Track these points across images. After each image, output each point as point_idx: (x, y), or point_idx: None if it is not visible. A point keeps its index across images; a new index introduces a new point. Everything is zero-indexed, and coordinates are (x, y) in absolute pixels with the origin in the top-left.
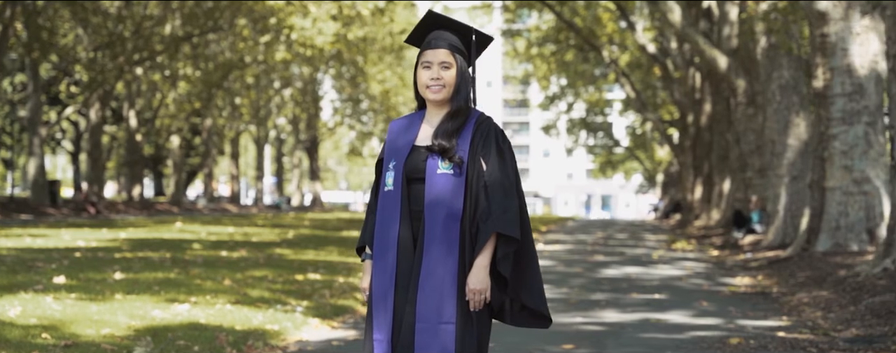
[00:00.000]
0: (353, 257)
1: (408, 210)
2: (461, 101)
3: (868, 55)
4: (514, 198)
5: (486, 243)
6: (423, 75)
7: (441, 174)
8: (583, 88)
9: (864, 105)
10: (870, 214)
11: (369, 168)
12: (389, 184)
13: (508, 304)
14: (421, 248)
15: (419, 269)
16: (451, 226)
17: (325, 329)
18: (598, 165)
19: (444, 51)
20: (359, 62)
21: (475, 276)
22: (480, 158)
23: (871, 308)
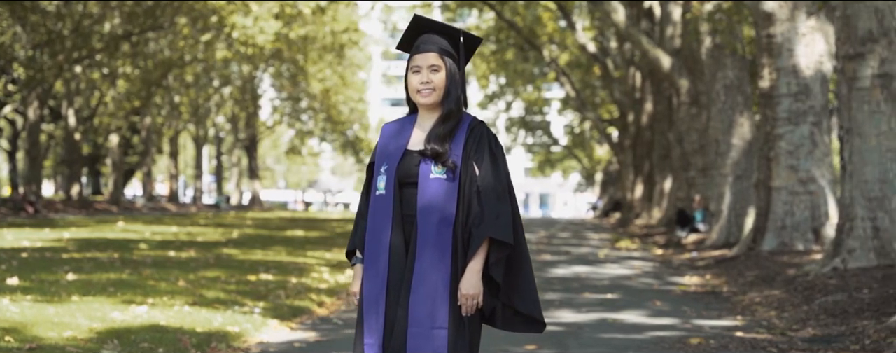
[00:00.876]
0: (302, 257)
1: (400, 215)
2: (452, 103)
3: (814, 56)
4: (506, 203)
5: (479, 248)
6: (412, 80)
7: (434, 179)
8: (522, 87)
9: (809, 105)
10: (815, 213)
11: (308, 167)
12: (381, 188)
13: (500, 309)
14: (413, 252)
15: (412, 273)
16: (444, 231)
17: (284, 331)
18: (536, 163)
19: (433, 54)
20: (299, 61)
21: (468, 281)
22: (473, 162)
23: (824, 308)
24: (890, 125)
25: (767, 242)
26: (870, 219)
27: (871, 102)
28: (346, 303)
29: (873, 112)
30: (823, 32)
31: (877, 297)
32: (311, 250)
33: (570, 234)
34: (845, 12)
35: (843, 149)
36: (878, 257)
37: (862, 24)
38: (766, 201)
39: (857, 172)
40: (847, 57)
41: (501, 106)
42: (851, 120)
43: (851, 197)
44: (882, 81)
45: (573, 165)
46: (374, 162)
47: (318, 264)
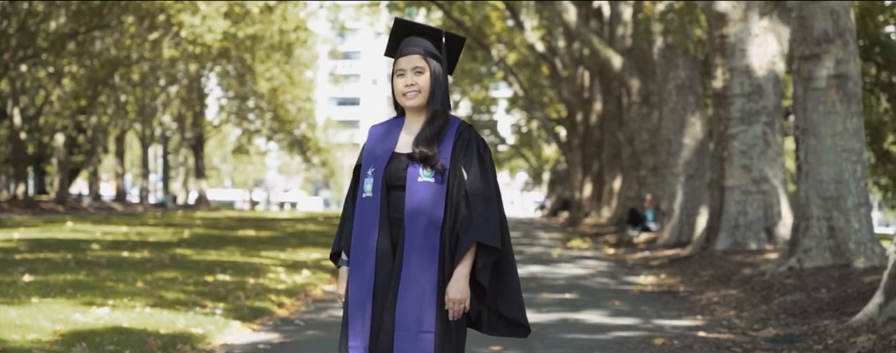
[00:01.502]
0: (256, 257)
1: (387, 218)
2: (437, 104)
3: (766, 56)
4: (495, 208)
5: (467, 252)
6: (398, 83)
7: (422, 182)
8: (469, 87)
9: (762, 105)
10: (768, 213)
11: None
12: (368, 191)
13: (486, 313)
14: (400, 256)
15: (399, 277)
16: (432, 234)
17: (246, 332)
18: None
19: (416, 56)
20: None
21: (455, 285)
22: (461, 166)
23: (783, 307)
24: (845, 125)
25: (721, 241)
26: (825, 219)
27: (826, 102)
28: (305, 304)
29: (829, 112)
30: (776, 33)
31: (835, 297)
32: (264, 250)
33: (521, 233)
34: (801, 13)
35: (799, 149)
36: (834, 256)
37: (818, 24)
38: (719, 201)
39: (813, 172)
40: (803, 57)
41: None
42: (807, 120)
43: (807, 197)
44: (837, 82)
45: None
46: (360, 164)
47: (274, 265)
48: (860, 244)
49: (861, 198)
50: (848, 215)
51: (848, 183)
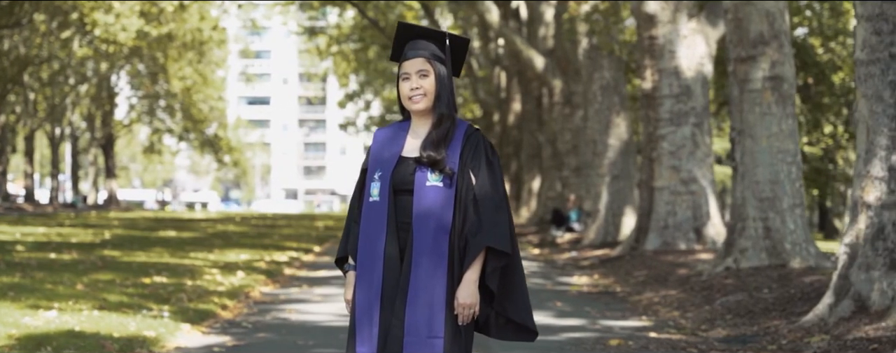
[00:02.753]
0: (186, 258)
1: (394, 222)
2: (443, 107)
3: (695, 57)
4: (504, 212)
5: (476, 257)
6: (403, 87)
7: (430, 186)
8: (381, 86)
9: (691, 106)
10: (697, 213)
11: (165, 166)
12: (375, 195)
13: (493, 317)
14: (409, 260)
15: (407, 282)
16: (441, 238)
17: (197, 335)
18: None
19: (420, 60)
20: (159, 59)
21: (465, 290)
22: (469, 170)
23: (727, 308)
24: (780, 127)
25: (650, 241)
26: (761, 219)
27: (762, 103)
28: (247, 306)
29: (764, 114)
30: (704, 34)
31: (779, 297)
32: (191, 251)
33: None
34: (737, 15)
35: (735, 150)
36: (770, 256)
37: (753, 26)
38: (648, 201)
39: (749, 173)
40: (739, 59)
41: (361, 105)
42: (743, 122)
43: (743, 198)
44: (773, 84)
45: None
46: (366, 168)
47: (206, 267)
48: (796, 245)
49: (796, 199)
50: (783, 216)
51: (783, 184)
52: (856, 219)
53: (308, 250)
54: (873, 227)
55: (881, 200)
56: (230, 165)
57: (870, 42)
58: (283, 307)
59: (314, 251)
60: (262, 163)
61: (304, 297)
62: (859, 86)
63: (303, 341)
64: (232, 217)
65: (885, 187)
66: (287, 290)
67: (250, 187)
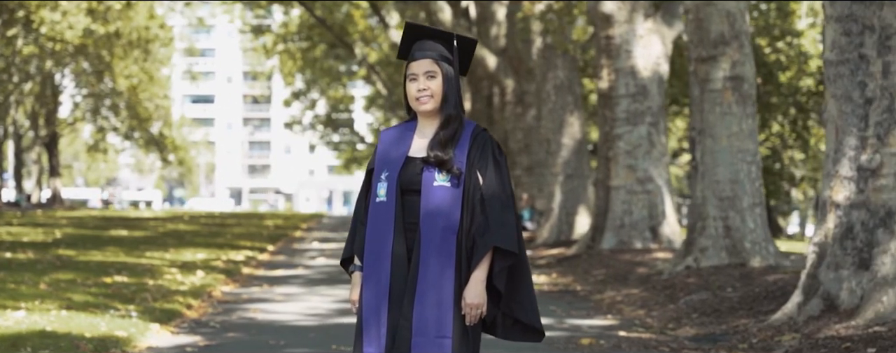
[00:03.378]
0: (142, 257)
1: (402, 222)
2: (451, 108)
3: (651, 57)
4: (511, 212)
5: (484, 256)
6: (410, 88)
7: (438, 186)
8: (327, 85)
9: (647, 106)
10: (653, 212)
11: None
12: (382, 195)
13: (500, 318)
14: (417, 260)
15: (415, 282)
16: (449, 238)
17: (166, 335)
18: (343, 161)
19: (428, 60)
20: (105, 57)
21: (472, 290)
22: (477, 170)
23: (692, 306)
24: (741, 126)
25: (607, 240)
26: (721, 218)
27: (722, 103)
28: (211, 305)
29: (725, 114)
30: (660, 34)
31: (744, 296)
32: (146, 250)
33: None
34: (698, 15)
35: (695, 150)
36: (730, 255)
37: (714, 27)
38: (604, 200)
39: (709, 173)
40: (699, 59)
41: (307, 103)
42: (704, 121)
43: (703, 197)
44: (733, 84)
45: None
46: (372, 169)
47: (164, 266)
48: (755, 244)
49: (756, 198)
50: (743, 215)
51: (743, 183)
52: (824, 219)
53: (262, 250)
54: (842, 226)
55: (850, 199)
56: (175, 164)
57: (839, 43)
58: (246, 306)
59: (268, 251)
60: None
61: (266, 296)
62: (828, 86)
63: (274, 340)
64: (180, 216)
65: (854, 187)
66: (248, 289)
67: (194, 186)
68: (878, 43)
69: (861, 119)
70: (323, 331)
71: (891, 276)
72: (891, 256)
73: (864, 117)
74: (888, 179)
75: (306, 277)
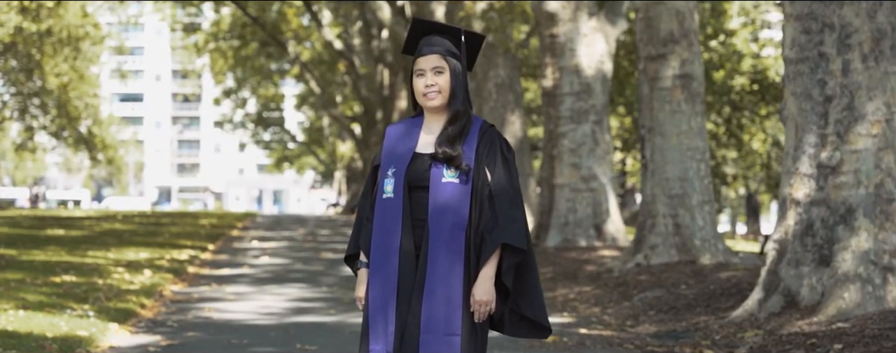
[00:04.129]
0: (86, 257)
1: (409, 218)
2: (459, 104)
3: (595, 56)
4: (520, 208)
5: (493, 253)
6: (417, 84)
7: (446, 182)
8: (258, 83)
9: (591, 104)
10: (597, 210)
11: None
12: (389, 191)
13: (507, 314)
14: (425, 257)
15: (423, 278)
16: (457, 235)
17: (125, 335)
18: (274, 160)
19: (435, 56)
20: (35, 55)
21: (481, 287)
22: (485, 166)
23: (648, 304)
24: (690, 124)
25: (551, 238)
26: (671, 216)
27: (672, 101)
28: (163, 305)
29: (674, 112)
30: (604, 33)
31: (699, 293)
32: (87, 249)
33: (331, 231)
34: (647, 14)
35: (645, 148)
36: (680, 253)
37: (664, 25)
38: (549, 199)
39: (659, 171)
40: (649, 57)
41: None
42: (653, 119)
43: (653, 195)
44: (682, 82)
45: (311, 161)
46: (378, 165)
47: (110, 265)
48: (705, 241)
49: (705, 196)
50: (693, 213)
51: (692, 181)
52: (784, 215)
53: (203, 249)
54: (802, 223)
55: (810, 196)
56: (104, 163)
57: (798, 41)
58: (200, 305)
59: (209, 250)
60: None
61: (217, 295)
62: (788, 84)
63: (236, 340)
64: (113, 215)
65: (814, 184)
66: (197, 288)
67: (123, 185)
68: (837, 41)
69: (821, 117)
70: (282, 330)
71: (852, 272)
72: (851, 252)
73: (823, 115)
74: (848, 176)
75: (253, 276)
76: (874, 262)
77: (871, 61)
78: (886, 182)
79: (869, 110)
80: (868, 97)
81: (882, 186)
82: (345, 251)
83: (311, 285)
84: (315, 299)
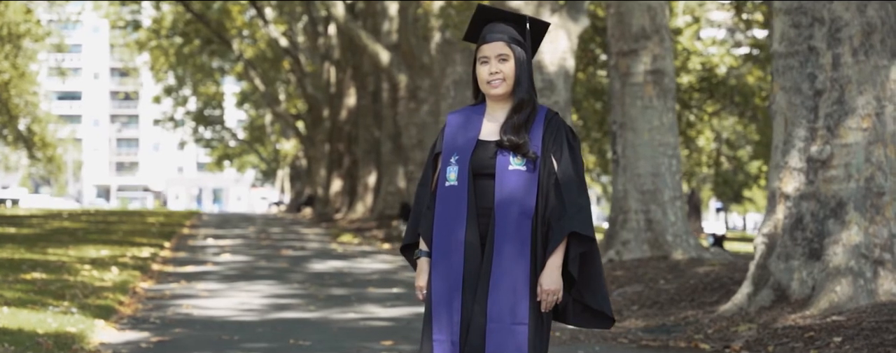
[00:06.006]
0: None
1: (475, 207)
2: (523, 92)
3: (558, 53)
4: (586, 197)
5: (560, 242)
6: (482, 71)
7: (513, 170)
8: (200, 81)
9: (554, 101)
10: None
11: None
12: (452, 179)
13: (571, 304)
14: (491, 246)
15: (490, 268)
16: (524, 224)
17: (111, 331)
18: (215, 158)
19: (500, 43)
20: None
21: (549, 276)
22: (552, 154)
23: (630, 299)
24: (661, 120)
25: None
26: (643, 211)
27: (643, 97)
28: (140, 301)
29: (646, 107)
30: (566, 30)
31: (680, 288)
32: (46, 247)
33: (282, 229)
34: (619, 10)
35: (616, 143)
36: (652, 248)
37: (635, 21)
38: None
39: (631, 166)
40: (620, 53)
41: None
42: (625, 115)
43: (625, 190)
44: (654, 78)
45: (252, 159)
46: (438, 152)
47: (74, 262)
48: (677, 237)
49: (676, 191)
50: (665, 208)
51: (664, 177)
52: (774, 209)
53: (161, 246)
54: (792, 217)
55: (800, 190)
56: (43, 162)
57: (788, 35)
58: (176, 302)
59: (166, 247)
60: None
61: (190, 292)
62: (777, 78)
63: (227, 336)
64: (58, 213)
65: (804, 178)
66: (168, 285)
67: (61, 184)
68: (827, 35)
69: (810, 111)
70: (269, 326)
71: (843, 266)
72: (842, 246)
73: (813, 109)
74: (839, 169)
75: (220, 273)
76: (865, 255)
77: (861, 55)
78: (877, 176)
79: (859, 104)
80: (858, 91)
81: (872, 179)
82: (402, 241)
83: (281, 281)
84: (289, 295)
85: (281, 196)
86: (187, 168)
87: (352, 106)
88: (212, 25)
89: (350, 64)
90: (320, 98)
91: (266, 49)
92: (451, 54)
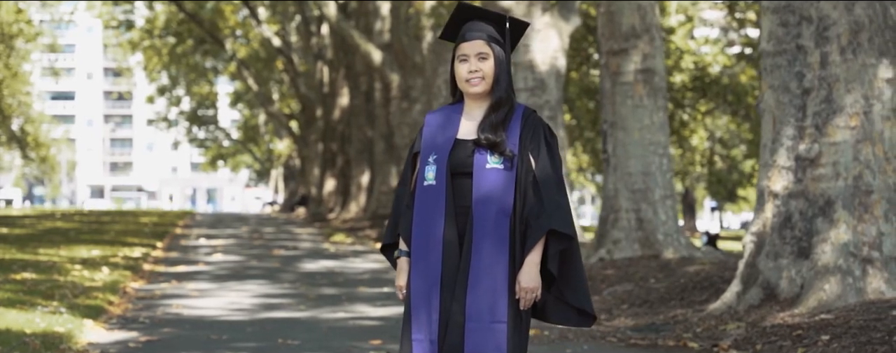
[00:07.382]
0: (40, 255)
1: (453, 206)
2: (502, 91)
3: (549, 52)
4: (565, 194)
5: (539, 240)
6: (461, 69)
7: (491, 169)
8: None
9: (545, 100)
10: None
11: None
12: (430, 179)
13: (552, 302)
14: (469, 245)
15: (468, 267)
16: (502, 222)
17: (100, 331)
18: (209, 158)
19: (480, 42)
20: None
21: (527, 274)
22: (529, 152)
23: (619, 298)
24: (652, 119)
25: None
26: (634, 210)
27: (634, 96)
28: (130, 301)
29: (636, 106)
30: (557, 29)
31: (670, 287)
32: (37, 247)
33: (275, 229)
34: (609, 9)
35: (607, 142)
36: (643, 247)
37: (625, 20)
38: None
39: (621, 165)
40: (611, 52)
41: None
42: (615, 114)
43: (616, 189)
44: (644, 77)
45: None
46: (417, 152)
47: (65, 262)
48: (668, 236)
49: (667, 190)
50: (655, 207)
51: (655, 176)
52: (762, 208)
53: (153, 246)
54: (780, 216)
55: (788, 189)
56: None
57: (776, 34)
58: (166, 302)
59: (158, 247)
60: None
61: (180, 292)
62: (765, 77)
63: (216, 335)
64: (51, 213)
65: (792, 177)
66: (158, 285)
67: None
68: (815, 34)
69: (798, 109)
70: (258, 325)
71: (832, 265)
72: (831, 244)
73: (801, 107)
74: (827, 168)
75: (211, 273)
76: (854, 254)
77: (849, 54)
78: (865, 174)
79: (847, 103)
80: (846, 89)
81: (861, 178)
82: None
83: (272, 281)
84: (280, 295)
85: (275, 196)
86: (181, 168)
87: (345, 106)
88: (205, 25)
89: (343, 64)
90: (313, 98)
91: (259, 49)
92: (444, 54)
